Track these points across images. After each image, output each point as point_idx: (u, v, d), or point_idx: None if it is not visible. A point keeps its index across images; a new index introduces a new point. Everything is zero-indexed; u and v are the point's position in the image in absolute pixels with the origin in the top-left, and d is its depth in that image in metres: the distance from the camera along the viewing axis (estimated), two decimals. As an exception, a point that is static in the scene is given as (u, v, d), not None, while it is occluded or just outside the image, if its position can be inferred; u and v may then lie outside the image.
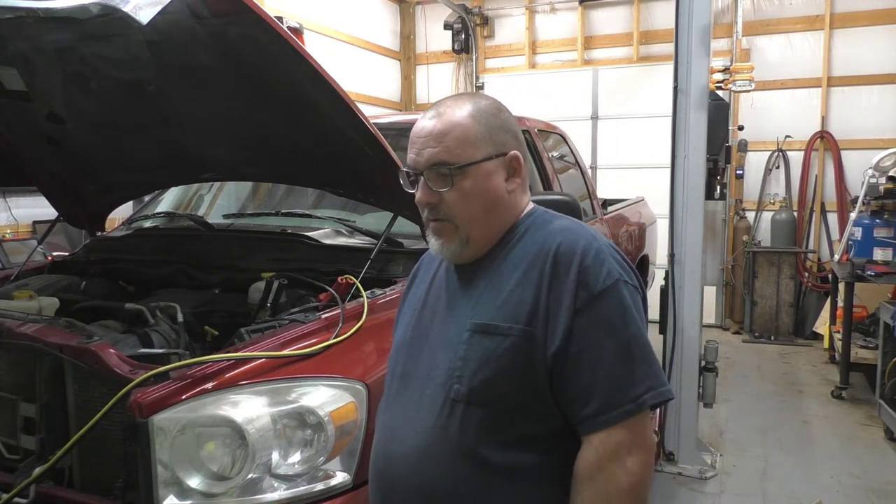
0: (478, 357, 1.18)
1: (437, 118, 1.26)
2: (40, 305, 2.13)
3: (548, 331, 1.15)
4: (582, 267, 1.17)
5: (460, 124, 1.24)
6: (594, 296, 1.15)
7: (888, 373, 4.27)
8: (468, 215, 1.24)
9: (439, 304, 1.32)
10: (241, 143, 2.22)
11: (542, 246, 1.22)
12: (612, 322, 1.16)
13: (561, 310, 1.15)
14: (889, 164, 5.63)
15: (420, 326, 1.33)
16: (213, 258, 2.40)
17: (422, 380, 1.26)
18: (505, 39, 8.18)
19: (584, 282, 1.16)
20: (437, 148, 1.23)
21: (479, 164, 1.24)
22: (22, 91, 2.14)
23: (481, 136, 1.24)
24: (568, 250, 1.19)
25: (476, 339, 1.19)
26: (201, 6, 1.60)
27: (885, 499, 3.49)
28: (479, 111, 1.26)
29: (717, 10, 6.81)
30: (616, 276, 1.18)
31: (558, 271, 1.18)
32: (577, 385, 1.15)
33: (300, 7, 6.42)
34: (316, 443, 1.55)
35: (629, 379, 1.14)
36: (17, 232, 4.75)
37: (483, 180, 1.24)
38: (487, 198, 1.25)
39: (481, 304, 1.23)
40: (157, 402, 1.48)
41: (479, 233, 1.26)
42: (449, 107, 1.27)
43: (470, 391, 1.17)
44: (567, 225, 1.27)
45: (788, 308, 6.77)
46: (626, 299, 1.18)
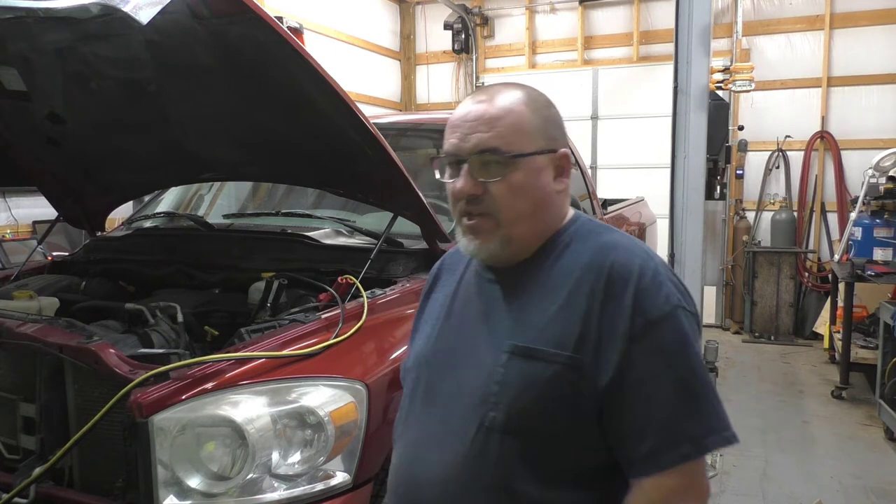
0: (517, 383, 1.06)
1: (489, 102, 1.13)
2: (40, 305, 2.13)
3: (598, 360, 1.04)
4: (639, 289, 1.05)
5: (515, 111, 1.12)
6: (652, 322, 1.03)
7: (888, 373, 4.26)
8: (514, 212, 1.11)
9: (469, 314, 1.20)
10: (241, 143, 2.22)
11: (593, 261, 1.10)
12: (671, 353, 1.03)
13: (614, 337, 1.03)
14: (889, 164, 5.63)
15: (446, 338, 1.21)
16: (213, 258, 2.40)
17: (450, 399, 1.14)
18: (505, 39, 8.18)
19: (641, 306, 1.04)
20: (487, 133, 1.10)
21: (532, 156, 1.12)
22: (22, 91, 2.14)
23: (536, 127, 1.13)
24: (623, 269, 1.07)
25: (515, 362, 1.07)
26: (201, 6, 1.60)
27: (885, 499, 3.49)
28: (532, 100, 1.15)
29: (717, 10, 6.81)
30: (675, 301, 1.06)
31: (612, 292, 1.05)
32: (629, 422, 1.03)
33: (300, 7, 6.42)
34: (316, 443, 1.55)
35: (689, 418, 1.02)
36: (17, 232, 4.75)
37: (534, 175, 1.12)
38: (536, 195, 1.13)
39: (522, 321, 1.11)
40: (157, 402, 1.48)
41: (522, 233, 1.13)
42: (500, 92, 1.15)
43: (507, 420, 1.06)
44: (619, 239, 1.14)
45: (788, 308, 6.77)
46: (686, 328, 1.05)
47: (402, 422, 1.25)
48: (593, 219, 1.23)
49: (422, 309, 1.35)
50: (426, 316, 1.31)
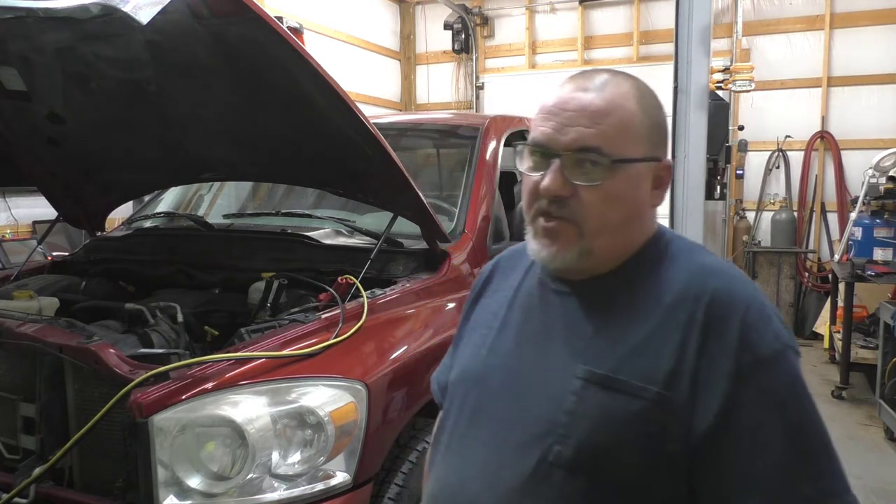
0: (593, 416, 0.92)
1: (595, 92, 0.98)
2: (40, 305, 2.13)
3: (696, 401, 0.89)
4: (746, 323, 0.91)
5: (624, 108, 0.97)
6: (761, 362, 0.90)
7: (888, 373, 4.26)
8: (601, 222, 0.97)
9: (530, 328, 1.05)
10: (241, 143, 2.22)
11: (690, 286, 0.95)
12: (783, 398, 0.89)
13: (717, 376, 0.89)
14: (889, 164, 5.63)
15: (501, 353, 1.06)
16: (213, 258, 2.40)
17: (505, 425, 1.00)
18: (505, 39, 8.19)
19: (750, 342, 0.90)
20: (591, 129, 0.96)
21: (635, 163, 0.97)
22: (22, 91, 2.14)
23: (644, 130, 0.99)
24: (727, 299, 0.93)
25: (592, 392, 0.93)
26: (201, 6, 1.60)
27: (885, 499, 3.49)
28: (644, 98, 1.01)
29: (717, 10, 6.81)
30: (784, 339, 0.92)
31: (714, 325, 0.91)
32: (730, 475, 0.89)
33: (300, 7, 6.42)
34: (316, 443, 1.55)
35: (803, 475, 0.88)
36: (17, 232, 4.76)
37: (633, 185, 0.98)
38: (629, 207, 0.99)
39: (600, 345, 0.96)
40: (157, 402, 1.48)
41: (604, 246, 0.99)
42: (610, 83, 0.99)
43: (576, 456, 0.92)
44: (717, 264, 1.00)
45: (788, 308, 6.77)
46: (798, 371, 0.92)
47: (444, 444, 1.09)
48: (682, 235, 1.10)
49: (468, 315, 1.20)
50: (474, 323, 1.16)
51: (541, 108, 1.02)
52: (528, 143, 1.02)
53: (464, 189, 2.59)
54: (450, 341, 1.25)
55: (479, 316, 1.16)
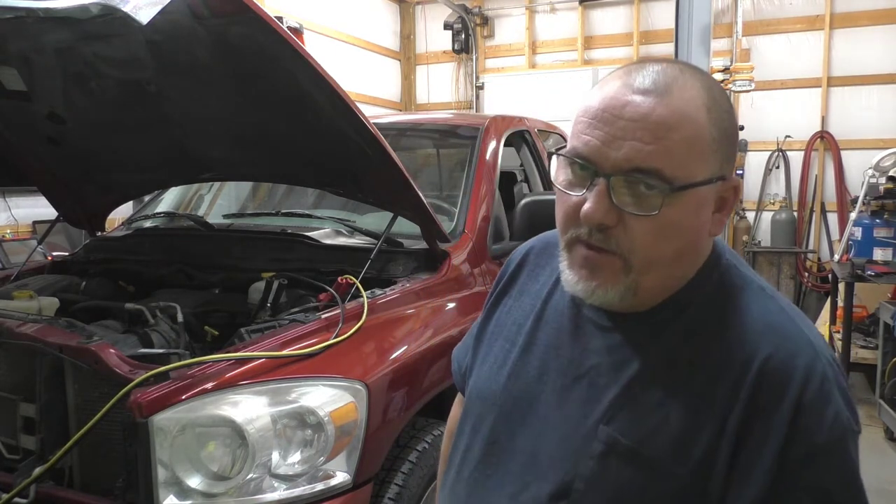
0: (610, 490, 0.80)
1: (658, 97, 0.78)
2: (40, 305, 2.13)
3: (729, 491, 0.76)
4: (802, 402, 0.76)
5: (694, 120, 0.78)
6: (814, 452, 0.75)
7: (888, 373, 4.26)
8: (653, 257, 0.80)
9: (556, 356, 0.91)
10: (241, 143, 2.22)
11: (739, 347, 0.79)
12: (832, 494, 0.75)
13: (759, 463, 0.75)
14: (889, 164, 5.63)
15: (521, 377, 0.93)
16: (213, 258, 2.40)
17: (519, 467, 0.89)
18: (505, 39, 8.18)
19: (803, 427, 0.75)
20: (651, 146, 0.77)
21: (699, 187, 0.79)
22: (22, 91, 2.14)
23: (714, 145, 0.80)
24: (780, 371, 0.77)
25: (612, 462, 0.80)
26: (201, 6, 1.60)
27: (885, 499, 3.49)
28: (716, 103, 0.81)
29: (717, 10, 6.81)
30: (845, 423, 0.77)
31: (763, 401, 0.76)
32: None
33: (300, 7, 6.42)
34: (316, 443, 1.55)
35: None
36: (17, 232, 4.75)
37: (693, 212, 0.80)
38: (688, 237, 0.82)
39: (630, 403, 0.82)
40: (156, 402, 1.48)
41: (654, 283, 0.83)
42: (676, 84, 0.79)
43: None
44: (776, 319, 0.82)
45: (788, 308, 6.77)
46: (854, 462, 0.77)
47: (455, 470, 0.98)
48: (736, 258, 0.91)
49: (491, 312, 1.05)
50: (496, 327, 1.02)
51: (584, 110, 0.83)
52: (567, 152, 0.83)
53: (464, 189, 2.59)
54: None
55: (502, 320, 1.02)
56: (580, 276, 0.83)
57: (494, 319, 1.04)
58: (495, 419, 0.94)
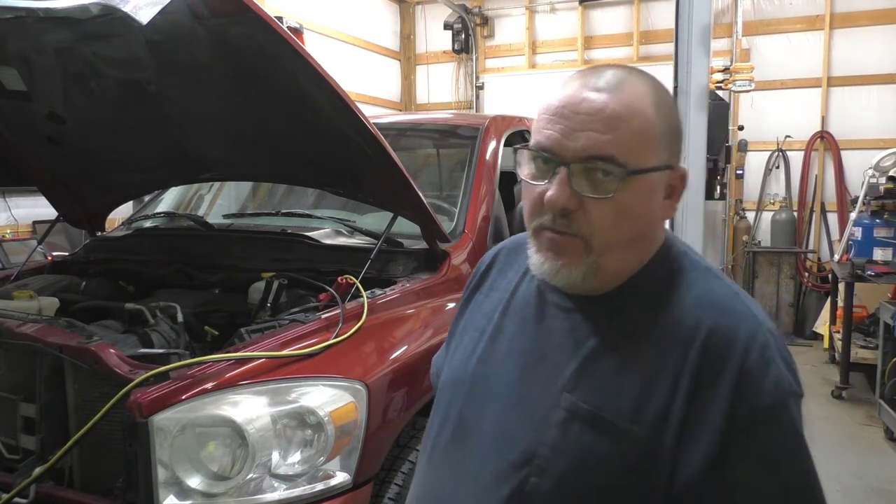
0: (573, 454, 0.87)
1: (610, 93, 0.87)
2: (40, 305, 2.13)
3: (681, 448, 0.83)
4: (744, 368, 0.83)
5: (643, 113, 0.87)
6: (757, 413, 0.82)
7: (888, 373, 4.26)
8: (611, 238, 0.88)
9: (522, 340, 0.98)
10: (241, 143, 2.22)
11: (689, 319, 0.87)
12: (777, 455, 0.83)
13: (706, 425, 0.82)
14: (889, 164, 5.63)
15: (488, 362, 1.00)
16: (213, 258, 2.40)
17: (485, 446, 0.94)
18: (505, 39, 8.19)
19: (745, 392, 0.82)
20: (606, 136, 0.85)
21: (650, 173, 0.88)
22: (22, 91, 2.14)
23: (662, 136, 0.90)
24: (724, 340, 0.85)
25: (574, 427, 0.87)
26: (201, 6, 1.60)
27: (885, 499, 3.49)
28: (662, 100, 0.91)
29: (717, 10, 6.81)
30: (786, 386, 0.84)
31: (709, 368, 0.84)
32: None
33: (300, 7, 6.42)
34: (316, 443, 1.55)
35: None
36: (17, 232, 4.76)
37: (645, 196, 0.89)
38: (642, 220, 0.91)
39: (590, 374, 0.89)
40: (156, 402, 1.48)
41: (614, 264, 0.91)
42: (626, 82, 0.89)
43: (554, 492, 0.87)
44: (722, 295, 0.91)
45: (788, 308, 6.77)
46: (797, 422, 0.85)
47: (427, 453, 1.05)
48: (687, 246, 1.00)
49: (462, 310, 1.13)
50: (467, 322, 1.10)
51: (545, 108, 0.91)
52: (530, 146, 0.91)
53: (464, 189, 2.59)
54: None
55: (472, 315, 1.09)
56: (546, 258, 0.91)
57: (466, 316, 1.11)
58: (463, 402, 1.00)
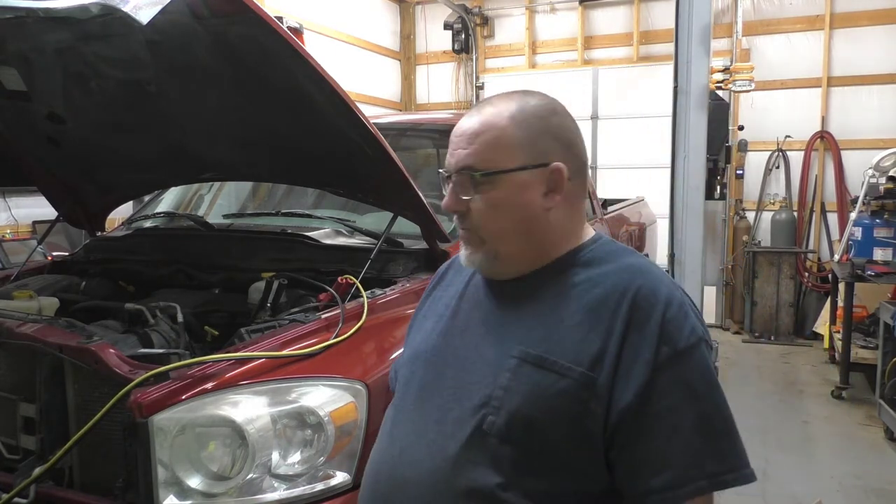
0: (524, 391, 1.03)
1: (474, 117, 1.13)
2: (40, 305, 2.13)
3: (615, 383, 1.01)
4: (666, 318, 1.03)
5: (496, 126, 1.10)
6: (677, 353, 1.01)
7: (888, 373, 4.27)
8: (494, 229, 1.12)
9: (474, 318, 1.18)
10: (241, 143, 2.22)
11: (618, 282, 1.07)
12: (695, 386, 1.01)
13: (637, 363, 1.00)
14: (889, 164, 5.63)
15: (449, 336, 1.19)
16: (213, 258, 2.40)
17: (446, 398, 1.11)
18: (505, 39, 8.19)
19: (668, 335, 1.02)
20: (466, 150, 1.11)
21: (511, 173, 1.10)
22: (22, 91, 2.14)
23: (518, 142, 1.10)
24: (650, 296, 1.05)
25: (525, 370, 1.05)
26: (201, 6, 1.60)
27: (885, 499, 3.49)
28: (523, 112, 1.12)
29: (717, 10, 6.81)
30: (700, 333, 1.04)
31: (637, 318, 1.03)
32: (645, 453, 1.00)
33: (300, 7, 6.42)
34: (316, 443, 1.55)
35: (708, 453, 1.00)
36: (17, 232, 4.76)
37: (516, 193, 1.10)
38: (519, 213, 1.11)
39: (535, 330, 1.08)
40: (156, 402, 1.48)
41: (510, 250, 1.13)
42: (492, 105, 1.13)
43: (507, 427, 1.03)
44: (643, 264, 1.12)
45: (788, 308, 6.77)
46: (709, 362, 1.04)
47: (391, 419, 1.21)
48: (616, 241, 1.20)
49: (421, 306, 1.33)
50: (427, 313, 1.29)
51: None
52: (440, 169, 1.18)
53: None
54: None
55: (431, 306, 1.29)
56: (462, 250, 1.17)
57: (425, 308, 1.31)
58: (425, 371, 1.18)
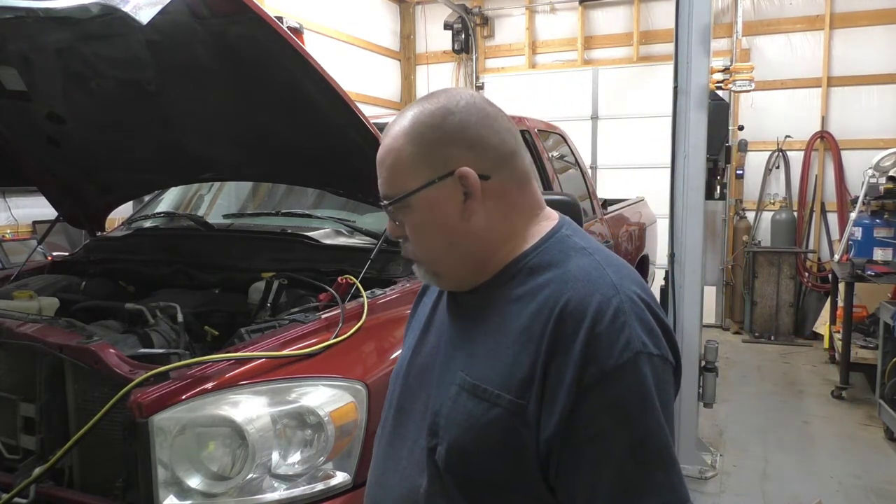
0: (459, 421, 0.98)
1: (385, 139, 1.04)
2: (40, 305, 2.13)
3: (542, 410, 0.92)
4: (593, 334, 0.90)
5: (393, 148, 1.02)
6: (605, 373, 0.89)
7: (888, 373, 4.27)
8: (424, 250, 1.05)
9: (441, 333, 1.11)
10: (241, 143, 2.22)
11: (548, 298, 0.96)
12: (627, 409, 0.90)
13: (560, 388, 0.90)
14: (889, 164, 5.63)
15: (421, 354, 1.14)
16: (213, 258, 2.40)
17: (417, 423, 1.07)
18: (505, 39, 8.18)
19: (594, 355, 0.90)
20: (381, 179, 1.04)
21: (417, 193, 1.00)
22: (22, 91, 2.14)
23: (416, 159, 1.00)
24: (576, 310, 0.92)
25: (462, 398, 0.98)
26: (201, 6, 1.60)
27: (885, 499, 3.49)
28: (414, 126, 1.01)
29: (717, 10, 6.81)
30: (636, 347, 0.90)
31: (561, 336, 0.92)
32: (574, 485, 0.92)
33: (300, 7, 6.42)
34: (316, 443, 1.55)
35: (641, 487, 0.90)
36: (17, 232, 4.75)
37: (432, 210, 1.01)
38: (440, 231, 1.02)
39: (474, 354, 1.01)
40: (157, 401, 1.48)
41: (448, 267, 1.05)
42: (394, 124, 1.04)
43: (447, 456, 0.98)
44: (584, 269, 0.97)
45: (788, 308, 6.76)
46: (647, 379, 0.90)
47: (379, 433, 1.19)
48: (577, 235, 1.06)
49: (413, 313, 1.29)
50: (414, 322, 1.24)
51: None
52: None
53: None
54: None
55: (416, 318, 1.24)
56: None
57: (413, 318, 1.26)
58: (402, 391, 1.14)
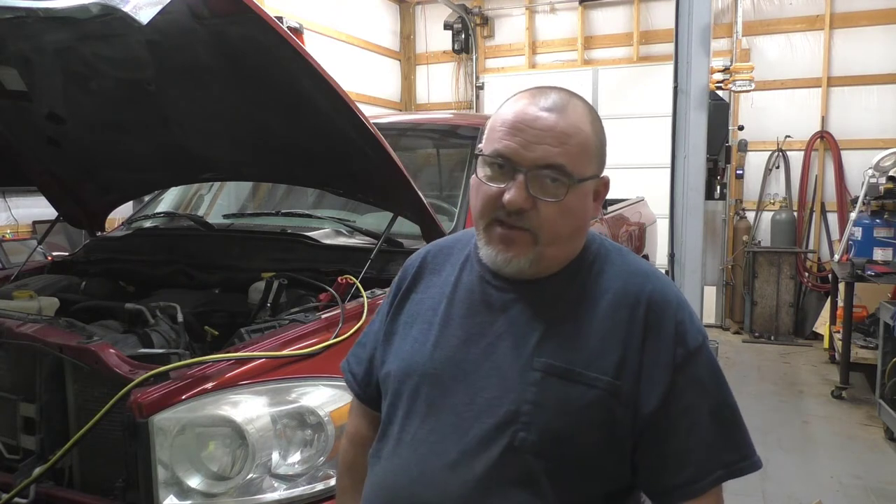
0: (553, 405, 1.03)
1: (559, 113, 1.05)
2: (40, 305, 2.13)
3: (640, 388, 1.04)
4: (678, 320, 1.07)
5: (584, 131, 1.07)
6: (691, 353, 1.06)
7: (888, 373, 4.27)
8: (556, 233, 1.06)
9: (474, 323, 1.11)
10: (241, 143, 2.22)
11: (628, 288, 1.09)
12: (706, 383, 1.06)
13: (658, 367, 1.04)
14: (889, 164, 5.63)
15: (446, 347, 1.11)
16: (213, 258, 2.40)
17: (461, 416, 1.06)
18: (505, 39, 8.19)
19: (682, 338, 1.06)
20: (557, 149, 1.03)
21: (588, 181, 1.08)
22: (22, 91, 2.14)
23: (596, 150, 1.09)
24: (662, 300, 1.08)
25: (551, 383, 1.04)
26: (201, 6, 1.60)
27: (885, 499, 3.49)
28: (595, 121, 1.11)
29: (717, 10, 6.81)
30: (704, 332, 1.10)
31: (654, 323, 1.06)
32: (669, 452, 1.05)
33: (300, 7, 6.42)
34: (316, 443, 1.55)
35: (722, 444, 1.06)
36: (17, 232, 4.76)
37: (583, 200, 1.08)
38: (579, 219, 1.10)
39: (554, 340, 1.06)
40: (157, 402, 1.48)
41: (554, 254, 1.09)
42: (569, 105, 1.07)
43: (541, 441, 1.02)
44: (647, 267, 1.15)
45: (788, 308, 6.77)
46: (714, 357, 1.10)
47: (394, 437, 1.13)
48: (603, 236, 1.20)
49: (400, 308, 1.22)
50: (409, 318, 1.19)
51: (500, 122, 1.07)
52: (490, 153, 1.07)
53: (464, 189, 2.59)
54: None
55: (414, 310, 1.19)
56: (498, 250, 1.07)
57: (405, 312, 1.21)
58: (430, 387, 1.10)
